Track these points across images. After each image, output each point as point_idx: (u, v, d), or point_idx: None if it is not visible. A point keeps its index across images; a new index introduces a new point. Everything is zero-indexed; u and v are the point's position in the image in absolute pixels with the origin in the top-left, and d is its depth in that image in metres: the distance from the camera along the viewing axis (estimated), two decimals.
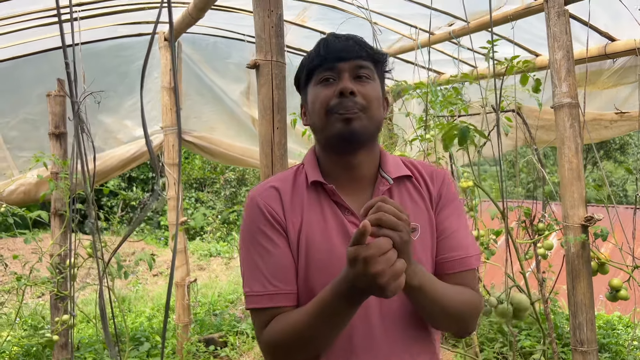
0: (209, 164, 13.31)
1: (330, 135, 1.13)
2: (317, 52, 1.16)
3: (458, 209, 1.24)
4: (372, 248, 0.88)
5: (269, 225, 1.14)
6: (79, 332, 5.24)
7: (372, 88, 1.15)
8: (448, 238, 1.19)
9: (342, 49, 1.14)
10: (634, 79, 3.15)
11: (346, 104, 1.10)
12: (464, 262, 1.18)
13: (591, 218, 2.40)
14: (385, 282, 0.87)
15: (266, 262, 1.13)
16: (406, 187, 1.22)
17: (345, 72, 1.13)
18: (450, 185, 1.25)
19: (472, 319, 1.18)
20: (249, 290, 1.13)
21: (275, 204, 1.16)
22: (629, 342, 4.17)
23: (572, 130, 2.45)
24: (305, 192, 1.18)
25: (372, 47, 1.19)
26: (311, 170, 1.20)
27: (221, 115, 4.51)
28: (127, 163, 4.12)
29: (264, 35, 2.12)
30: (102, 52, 3.88)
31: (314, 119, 1.17)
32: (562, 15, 2.47)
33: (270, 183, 1.21)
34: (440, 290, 1.09)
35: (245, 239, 1.17)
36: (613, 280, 2.59)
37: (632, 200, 21.27)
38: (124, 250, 9.33)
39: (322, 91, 1.14)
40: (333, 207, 1.16)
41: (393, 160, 1.25)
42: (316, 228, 1.14)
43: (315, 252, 1.12)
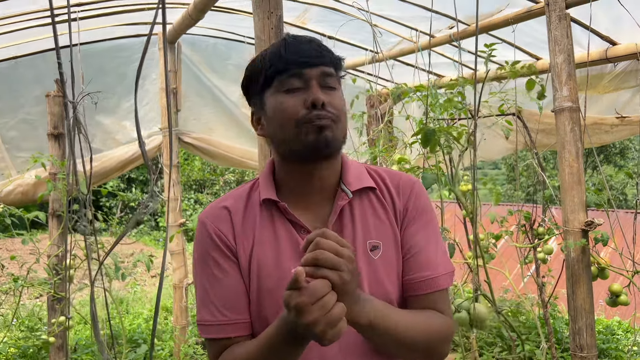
0: (209, 165, 13.31)
1: (302, 146, 1.03)
2: (278, 55, 1.04)
3: (429, 223, 1.14)
4: (303, 295, 0.80)
5: (218, 250, 1.07)
6: (76, 334, 5.22)
7: (339, 97, 1.07)
8: (415, 256, 1.10)
9: (307, 54, 1.04)
10: (635, 84, 3.14)
11: (319, 115, 1.01)
12: (433, 283, 1.09)
13: (591, 223, 2.38)
14: (320, 330, 0.80)
15: (216, 290, 1.07)
16: (369, 200, 1.12)
17: (313, 79, 1.03)
18: (419, 196, 1.15)
19: (440, 347, 1.08)
20: (201, 318, 1.08)
21: (225, 227, 1.09)
22: (628, 347, 4.15)
23: (572, 134, 2.43)
24: (257, 211, 1.10)
25: (329, 49, 1.10)
26: (265, 187, 1.11)
27: (220, 117, 4.50)
28: (126, 164, 4.11)
29: (263, 36, 2.11)
30: (101, 52, 3.87)
31: (277, 130, 1.06)
32: (563, 19, 2.46)
33: (222, 202, 1.13)
34: (399, 325, 0.99)
35: (196, 264, 1.11)
36: (613, 285, 2.58)
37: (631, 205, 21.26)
38: (122, 252, 9.31)
39: (288, 100, 1.03)
40: (287, 226, 1.08)
41: (356, 170, 1.15)
42: (268, 250, 1.06)
43: (267, 276, 1.05)
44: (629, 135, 3.47)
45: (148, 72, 4.16)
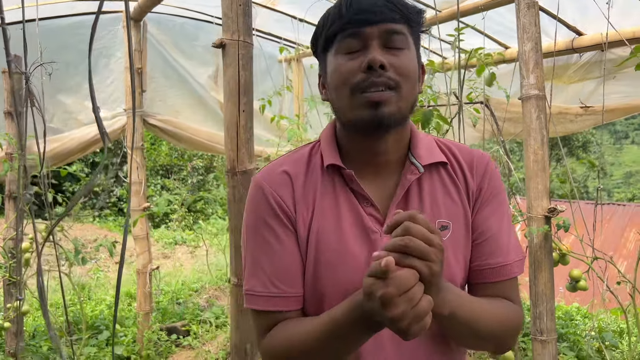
0: (176, 150, 13.09)
1: (355, 120, 0.95)
2: (339, 13, 0.95)
3: (501, 206, 1.05)
4: (390, 285, 0.73)
5: (276, 218, 0.99)
6: (35, 320, 5.07)
7: (407, 58, 0.95)
8: (486, 242, 1.02)
9: (369, 9, 0.92)
10: (599, 74, 3.20)
11: (375, 81, 0.91)
12: (504, 271, 1.01)
13: (554, 209, 2.42)
14: (405, 325, 0.73)
15: (270, 259, 0.99)
16: (440, 176, 1.03)
17: (374, 39, 0.93)
18: (493, 176, 1.05)
19: (511, 337, 1.02)
20: (249, 288, 1.00)
21: (286, 193, 1.00)
22: (586, 332, 4.28)
23: (538, 122, 2.46)
24: (319, 177, 1.02)
25: (406, 3, 0.97)
26: (328, 152, 1.02)
27: (187, 99, 4.39)
28: (88, 145, 3.98)
29: (231, 14, 2.05)
30: (62, 29, 3.72)
31: (334, 96, 0.98)
32: (532, 7, 2.47)
33: (282, 166, 1.03)
34: (475, 313, 0.93)
35: (249, 230, 1.02)
36: (573, 271, 2.64)
37: (592, 197, 21.95)
38: (86, 237, 9.10)
39: (345, 63, 0.94)
40: (350, 196, 1.00)
41: (426, 142, 1.05)
42: (329, 221, 0.99)
43: (326, 249, 0.97)
44: (592, 125, 3.55)
45: (113, 51, 4.03)
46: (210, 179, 13.44)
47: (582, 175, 25.92)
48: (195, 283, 6.90)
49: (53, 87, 3.64)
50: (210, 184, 13.44)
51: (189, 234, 10.53)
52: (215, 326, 5.02)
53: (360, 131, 0.98)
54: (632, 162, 49.07)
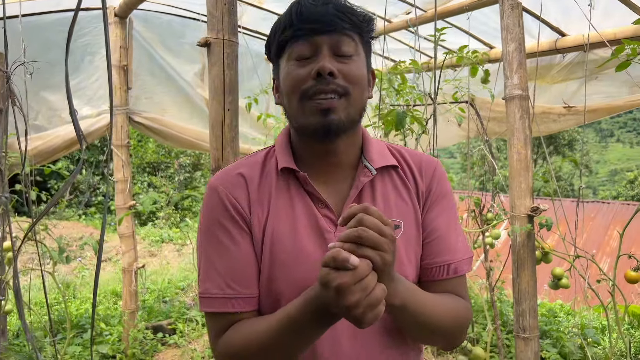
0: (163, 148, 13.02)
1: (306, 125, 0.98)
2: (290, 20, 0.97)
3: (449, 206, 1.10)
4: (346, 275, 0.76)
5: (231, 219, 1.01)
6: (19, 319, 5.03)
7: (356, 65, 0.98)
8: (436, 241, 1.06)
9: (320, 18, 0.95)
10: (582, 74, 3.24)
11: (324, 88, 0.94)
12: (453, 268, 1.06)
13: (537, 208, 2.45)
14: (360, 313, 0.77)
15: (224, 261, 1.00)
16: (391, 178, 1.07)
17: (324, 47, 0.96)
18: (441, 178, 1.10)
19: (461, 333, 1.06)
20: (204, 290, 1.00)
21: (240, 195, 1.02)
22: (569, 329, 4.34)
23: (521, 121, 2.49)
24: (274, 180, 1.04)
25: (356, 10, 0.99)
26: (282, 155, 1.05)
27: (174, 97, 4.36)
28: (73, 143, 3.94)
29: (216, 12, 2.05)
30: (46, 25, 3.67)
31: (285, 101, 1.01)
32: (515, 8, 2.50)
33: (237, 169, 1.06)
34: (426, 306, 0.96)
35: (203, 232, 1.03)
36: (555, 269, 2.67)
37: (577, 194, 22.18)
38: (71, 235, 9.03)
39: (296, 70, 0.97)
40: (305, 198, 1.02)
41: (377, 146, 1.10)
42: (284, 222, 1.01)
43: (281, 249, 0.99)
44: (575, 124, 3.59)
45: (98, 48, 3.99)
46: (198, 177, 13.38)
47: (568, 173, 26.21)
48: (181, 281, 6.87)
49: (37, 84, 3.60)
50: (197, 181, 13.39)
51: (175, 232, 10.48)
52: (202, 325, 5.01)
53: (311, 136, 1.01)
54: (617, 160, 49.72)
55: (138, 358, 4.14)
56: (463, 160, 23.46)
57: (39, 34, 3.64)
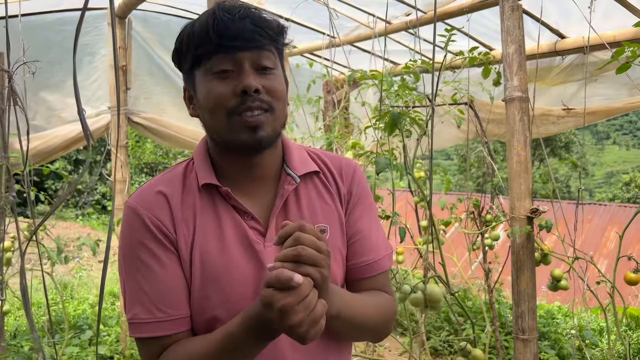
0: (161, 148, 13.00)
1: (233, 142, 0.97)
2: (207, 36, 0.94)
3: (370, 207, 1.14)
4: (290, 295, 0.77)
5: (155, 240, 0.97)
6: (16, 320, 5.01)
7: (277, 79, 0.99)
8: (360, 241, 1.09)
9: (239, 35, 0.93)
10: (581, 77, 3.25)
11: (250, 105, 0.94)
12: (377, 266, 1.10)
13: (536, 210, 2.45)
14: (304, 331, 0.78)
15: (151, 284, 0.96)
16: (314, 184, 1.09)
17: (245, 62, 0.95)
18: (360, 180, 1.13)
19: (389, 325, 1.11)
20: (133, 316, 0.96)
21: (163, 215, 0.99)
22: (567, 330, 4.35)
23: (521, 123, 2.49)
24: (197, 195, 1.01)
25: (270, 22, 0.98)
26: (202, 170, 1.03)
27: (172, 97, 4.36)
28: (72, 143, 3.94)
29: None
30: (46, 25, 3.67)
31: (208, 117, 0.98)
32: (515, 10, 2.50)
33: (156, 187, 1.02)
34: (358, 310, 1.00)
35: (126, 256, 0.99)
36: (555, 270, 2.68)
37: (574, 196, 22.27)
38: (69, 236, 9.00)
39: (218, 86, 0.95)
40: (231, 211, 1.01)
41: (298, 153, 1.10)
42: (211, 237, 0.99)
43: (211, 265, 0.97)
44: (574, 126, 3.60)
45: (97, 48, 3.99)
46: None
47: (565, 175, 26.28)
48: None
49: (36, 84, 3.59)
50: None
51: None
52: None
53: (238, 151, 1.00)
54: (613, 162, 49.88)
55: (136, 359, 4.13)
56: (460, 162, 23.50)
57: (39, 34, 3.64)
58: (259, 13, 0.97)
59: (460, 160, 23.52)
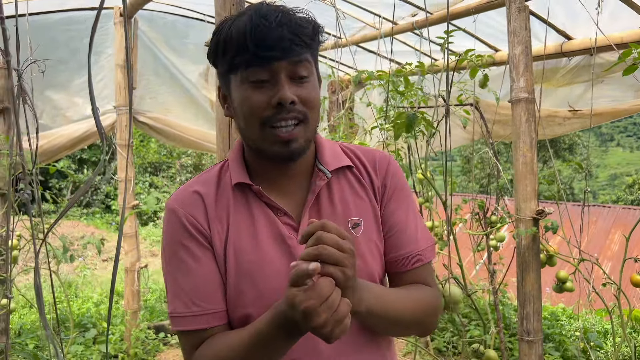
0: (165, 148, 13.02)
1: (266, 152, 1.00)
2: (244, 44, 0.93)
3: (406, 199, 1.13)
4: (312, 297, 0.77)
5: (191, 238, 1.02)
6: (20, 318, 5.03)
7: (312, 87, 0.99)
8: (397, 234, 1.09)
9: (276, 44, 0.92)
10: (588, 78, 3.24)
11: (285, 117, 0.95)
12: (417, 258, 1.09)
13: (542, 211, 2.45)
14: (328, 331, 0.79)
15: (189, 280, 1.01)
16: (347, 179, 1.09)
17: (281, 72, 0.94)
18: (395, 172, 1.13)
19: (432, 320, 1.09)
20: (173, 310, 1.02)
21: (198, 213, 1.03)
22: (571, 332, 4.34)
23: (527, 124, 2.48)
24: (230, 194, 1.05)
25: (306, 28, 0.97)
26: (236, 170, 1.06)
27: (178, 97, 4.38)
28: (77, 142, 3.95)
29: (224, 13, 2.06)
30: (52, 25, 3.69)
31: (242, 124, 1.00)
32: (522, 11, 2.50)
33: (192, 187, 1.07)
34: (393, 305, 0.99)
35: (167, 254, 1.04)
36: (560, 272, 2.67)
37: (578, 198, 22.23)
38: (73, 235, 9.02)
39: (254, 95, 0.95)
40: (264, 208, 1.04)
41: (331, 149, 1.11)
42: (245, 234, 1.02)
43: (246, 260, 1.00)
44: (579, 128, 3.59)
45: (103, 47, 4.00)
46: None
47: (568, 177, 26.22)
48: None
49: (41, 83, 3.61)
50: None
51: None
52: None
53: (270, 160, 1.03)
54: (617, 164, 49.71)
55: (140, 358, 4.14)
56: (463, 164, 23.45)
57: (45, 33, 3.65)
58: (295, 18, 0.96)
59: (463, 161, 23.47)
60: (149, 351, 4.28)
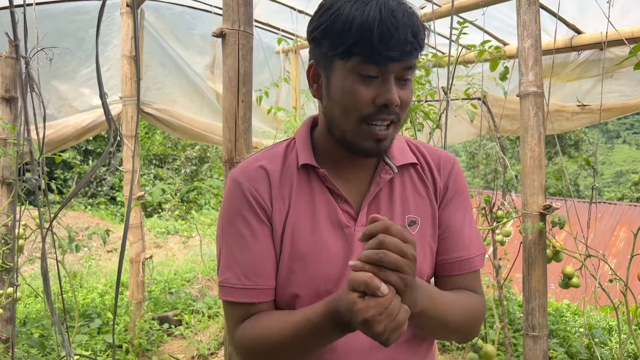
0: (170, 139, 13.03)
1: (355, 145, 0.99)
2: (367, 35, 0.88)
3: (465, 203, 1.12)
4: (372, 307, 0.77)
5: (252, 211, 1.02)
6: (26, 307, 5.06)
7: (411, 90, 0.99)
8: (451, 237, 1.08)
9: (399, 46, 0.89)
10: (597, 73, 3.21)
11: (384, 117, 0.95)
12: (467, 264, 1.08)
13: (549, 206, 2.43)
14: (386, 338, 0.79)
15: (244, 252, 1.01)
16: (410, 176, 1.08)
17: (392, 73, 0.93)
18: (458, 175, 1.12)
19: (476, 327, 1.08)
20: (223, 279, 1.02)
21: (262, 188, 1.03)
22: (576, 328, 4.33)
23: (536, 119, 2.46)
24: (295, 173, 1.05)
25: (423, 31, 0.94)
26: (303, 151, 1.05)
27: (184, 88, 4.37)
28: (83, 133, 3.95)
29: (232, 3, 2.04)
30: (59, 14, 3.68)
31: (337, 113, 0.97)
32: (532, 4, 2.47)
33: (258, 162, 1.06)
34: (443, 307, 0.98)
35: (225, 223, 1.04)
36: (566, 267, 2.66)
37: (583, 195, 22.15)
38: (78, 225, 9.05)
39: (360, 90, 0.93)
40: (325, 192, 1.04)
41: (399, 144, 1.10)
42: (304, 215, 1.02)
43: (302, 242, 1.01)
44: (588, 123, 3.56)
45: (109, 38, 3.99)
46: (204, 169, 13.39)
47: (573, 173, 26.12)
48: (187, 273, 6.89)
49: (47, 73, 3.60)
50: (203, 174, 13.41)
51: (181, 224, 10.50)
52: (208, 316, 5.02)
53: (354, 152, 1.02)
54: (623, 162, 49.44)
55: (144, 348, 4.16)
56: (468, 159, 23.39)
57: (51, 22, 3.64)
58: (417, 20, 0.94)
59: (468, 156, 23.40)
60: (153, 342, 4.30)
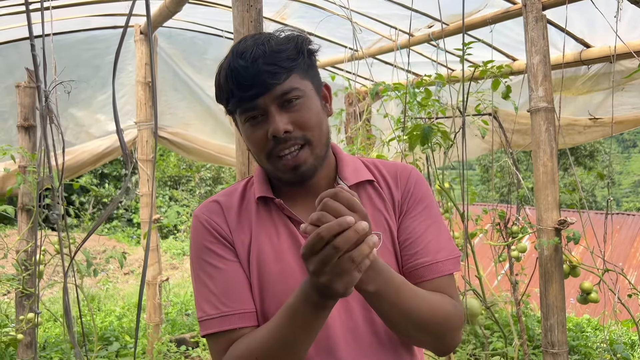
0: (184, 161, 13.16)
1: (279, 178, 1.06)
2: (230, 89, 0.99)
3: (427, 210, 1.12)
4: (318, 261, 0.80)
5: (215, 241, 1.06)
6: (45, 332, 5.10)
7: (307, 107, 1.00)
8: (413, 243, 1.08)
9: (254, 81, 0.95)
10: (608, 86, 3.20)
11: (285, 146, 0.99)
12: (435, 269, 1.06)
13: (564, 221, 2.42)
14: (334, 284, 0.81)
15: (215, 280, 1.03)
16: (367, 193, 1.11)
17: (270, 105, 0.98)
18: (417, 183, 1.13)
19: (450, 331, 1.04)
20: (202, 314, 1.02)
21: (219, 219, 1.08)
22: (597, 344, 4.25)
23: (547, 134, 2.47)
24: (254, 207, 1.09)
25: (285, 50, 0.98)
26: (259, 185, 1.10)
27: (197, 112, 4.44)
28: (99, 158, 4.03)
29: (242, 29, 2.09)
30: (75, 43, 3.79)
31: (255, 157, 1.07)
32: (539, 20, 2.49)
33: (213, 198, 1.13)
34: (405, 295, 0.95)
35: (193, 260, 1.08)
36: (584, 283, 2.63)
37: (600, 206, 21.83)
38: (95, 248, 9.15)
39: (252, 133, 1.01)
40: (285, 220, 1.07)
41: (352, 164, 1.13)
42: (267, 244, 1.05)
43: (267, 270, 1.03)
44: (600, 136, 3.54)
45: (124, 64, 4.08)
46: (219, 190, 13.48)
47: (590, 184, 25.78)
48: None
49: (64, 101, 3.69)
50: None
51: None
52: None
53: (286, 185, 1.08)
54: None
55: None
56: (482, 172, 23.23)
57: (67, 52, 3.75)
58: (272, 44, 0.97)
59: (482, 170, 23.24)
60: None
